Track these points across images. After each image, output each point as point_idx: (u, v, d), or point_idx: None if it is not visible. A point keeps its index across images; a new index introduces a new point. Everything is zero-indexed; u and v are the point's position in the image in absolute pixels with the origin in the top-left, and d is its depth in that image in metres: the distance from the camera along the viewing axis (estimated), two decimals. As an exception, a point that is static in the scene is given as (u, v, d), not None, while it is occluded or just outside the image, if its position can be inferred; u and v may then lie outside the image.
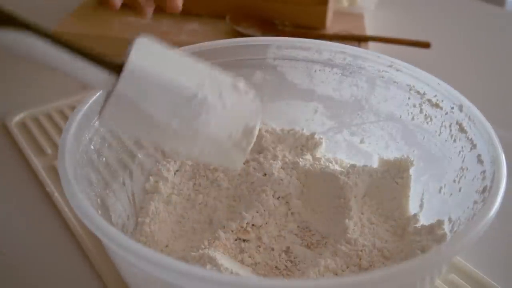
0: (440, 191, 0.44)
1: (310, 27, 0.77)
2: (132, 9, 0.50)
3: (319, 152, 0.52)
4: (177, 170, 0.50)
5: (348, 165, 0.49)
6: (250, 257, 0.43)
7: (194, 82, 0.34)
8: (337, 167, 0.49)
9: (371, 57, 0.49)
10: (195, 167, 0.50)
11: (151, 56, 0.34)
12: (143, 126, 0.34)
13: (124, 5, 0.79)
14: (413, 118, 0.47)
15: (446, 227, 0.41)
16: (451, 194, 0.43)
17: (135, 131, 0.35)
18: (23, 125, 0.60)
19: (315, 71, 0.51)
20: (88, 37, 0.75)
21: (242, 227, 0.44)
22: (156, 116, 0.33)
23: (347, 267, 0.41)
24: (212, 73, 0.36)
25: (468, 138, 0.42)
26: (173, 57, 0.35)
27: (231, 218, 0.45)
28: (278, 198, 0.47)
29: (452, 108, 0.44)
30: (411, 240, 0.42)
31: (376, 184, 0.47)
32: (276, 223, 0.46)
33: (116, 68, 0.32)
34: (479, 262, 0.45)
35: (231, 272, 0.38)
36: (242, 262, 0.43)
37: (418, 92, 0.46)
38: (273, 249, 0.44)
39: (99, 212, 0.38)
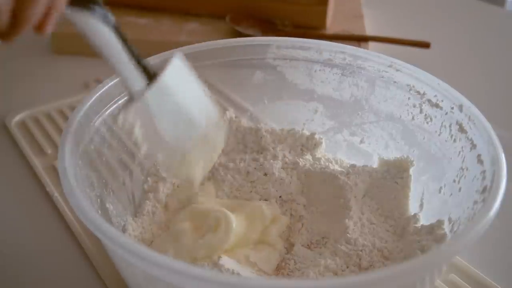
0: (440, 191, 0.44)
1: (310, 27, 0.77)
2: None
3: (319, 152, 0.52)
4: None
5: (348, 165, 0.49)
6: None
7: (200, 114, 0.40)
8: (337, 167, 0.49)
9: (371, 57, 0.49)
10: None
11: (179, 78, 0.39)
12: (146, 129, 0.38)
13: (124, 5, 0.79)
14: (413, 118, 0.47)
15: (446, 227, 0.41)
16: (451, 194, 0.42)
17: (138, 132, 0.38)
18: (23, 125, 0.60)
19: (315, 71, 0.51)
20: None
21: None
22: (160, 126, 0.38)
23: (347, 267, 0.41)
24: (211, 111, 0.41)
25: (468, 138, 0.42)
26: (193, 85, 0.40)
27: (231, 218, 0.45)
28: (279, 197, 0.47)
29: (452, 108, 0.44)
30: (411, 240, 0.42)
31: (376, 184, 0.47)
32: (276, 223, 0.46)
33: (151, 77, 0.37)
34: (479, 262, 0.45)
35: (232, 272, 0.38)
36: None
37: (418, 92, 0.46)
38: (273, 249, 0.44)
39: (99, 212, 0.38)
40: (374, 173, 0.48)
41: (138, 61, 0.36)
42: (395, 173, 0.47)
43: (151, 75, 0.37)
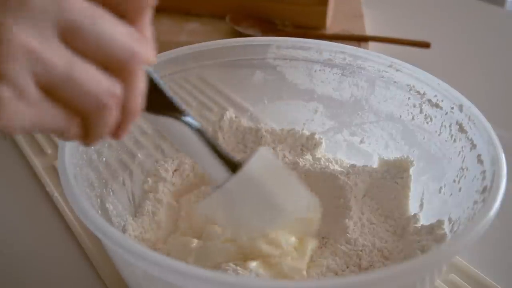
0: (440, 191, 0.44)
1: (310, 27, 0.77)
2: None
3: (319, 152, 0.52)
4: (175, 170, 0.49)
5: (348, 165, 0.49)
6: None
7: (288, 200, 0.40)
8: (337, 167, 0.49)
9: (371, 57, 0.49)
10: (194, 165, 0.50)
11: (265, 168, 0.39)
12: (228, 216, 0.40)
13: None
14: (413, 118, 0.47)
15: (446, 227, 0.41)
16: (451, 194, 0.42)
17: (221, 219, 0.41)
18: (23, 125, 0.60)
19: (315, 71, 0.51)
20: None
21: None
22: (242, 214, 0.39)
23: (347, 267, 0.41)
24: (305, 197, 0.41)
25: (468, 138, 0.42)
26: (280, 174, 0.41)
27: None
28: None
29: (452, 108, 0.44)
30: (411, 240, 0.42)
31: (376, 184, 0.47)
32: (276, 223, 0.46)
33: (234, 167, 0.38)
34: (479, 262, 0.45)
35: (236, 272, 0.38)
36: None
37: (418, 92, 0.46)
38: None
39: (99, 212, 0.38)
40: (374, 173, 0.48)
41: (220, 154, 0.37)
42: (395, 173, 0.47)
43: (234, 167, 0.38)
